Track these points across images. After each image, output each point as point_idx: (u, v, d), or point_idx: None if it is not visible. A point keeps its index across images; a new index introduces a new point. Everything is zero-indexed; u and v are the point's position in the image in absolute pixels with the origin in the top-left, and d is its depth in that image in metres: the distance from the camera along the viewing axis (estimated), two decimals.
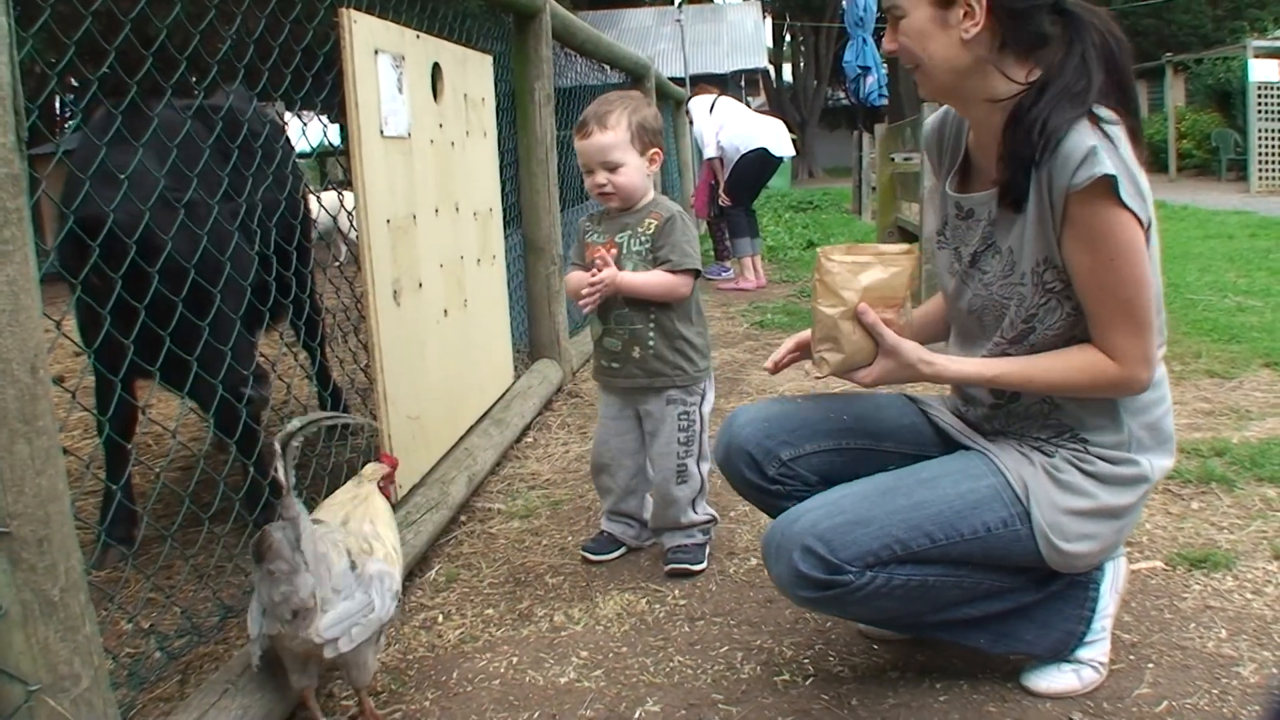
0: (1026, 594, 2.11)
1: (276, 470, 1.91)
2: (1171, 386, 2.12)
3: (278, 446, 1.92)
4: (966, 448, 2.17)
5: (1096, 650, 2.17)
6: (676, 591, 2.74)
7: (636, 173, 2.80)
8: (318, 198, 3.58)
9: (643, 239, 2.81)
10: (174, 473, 3.86)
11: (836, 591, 1.95)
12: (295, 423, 1.98)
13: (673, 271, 2.78)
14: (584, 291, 2.75)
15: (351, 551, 2.07)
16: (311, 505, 2.12)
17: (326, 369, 4.35)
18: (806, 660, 2.35)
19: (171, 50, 2.43)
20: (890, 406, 2.33)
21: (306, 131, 3.34)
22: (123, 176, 2.36)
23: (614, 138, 2.75)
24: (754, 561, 2.90)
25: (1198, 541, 2.86)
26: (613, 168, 2.77)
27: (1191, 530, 2.94)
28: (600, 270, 2.74)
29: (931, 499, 2.01)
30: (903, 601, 2.01)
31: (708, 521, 2.97)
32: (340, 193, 3.92)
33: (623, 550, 3.05)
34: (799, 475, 2.23)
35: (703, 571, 2.88)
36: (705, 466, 2.93)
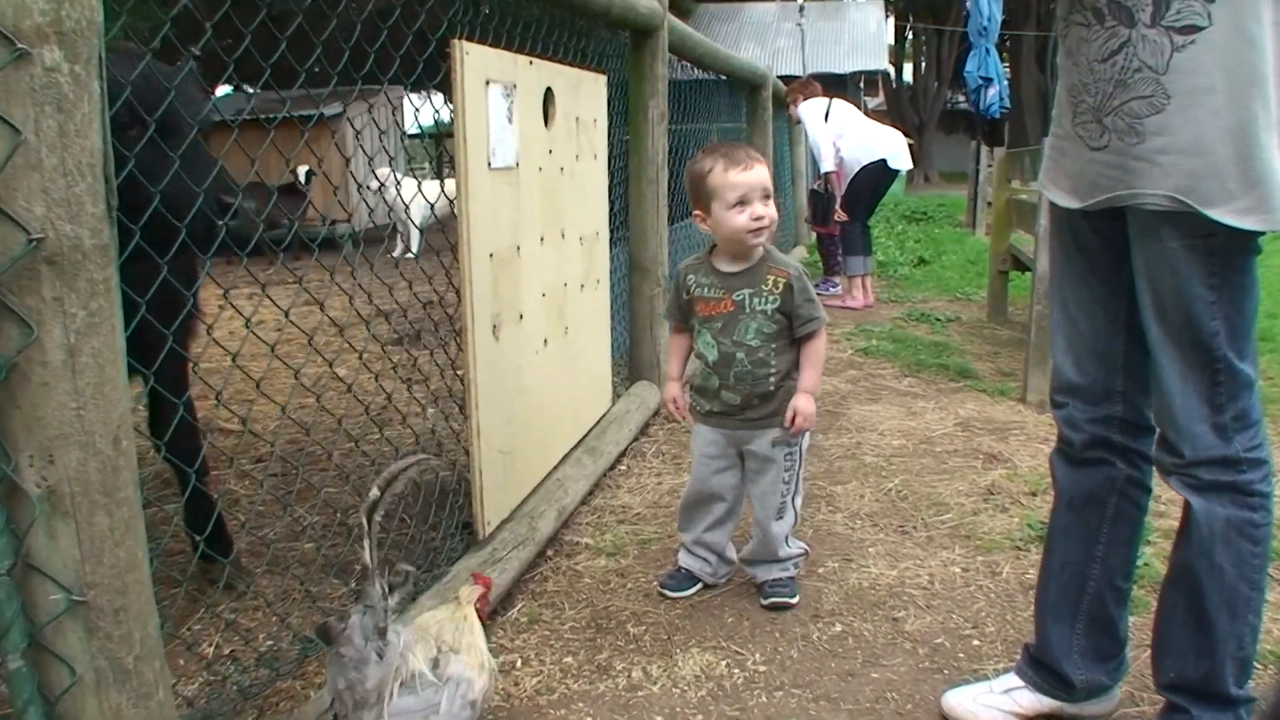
0: None
1: (363, 549, 1.86)
2: None
3: (363, 519, 1.87)
4: None
5: None
6: (757, 655, 2.68)
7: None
8: (432, 184, 3.51)
9: (769, 299, 2.79)
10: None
11: None
12: (374, 491, 1.91)
13: (814, 334, 2.82)
14: (797, 429, 2.82)
15: (441, 648, 2.02)
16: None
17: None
18: None
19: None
20: None
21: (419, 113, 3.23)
22: None
23: (767, 170, 2.76)
24: (838, 627, 2.82)
25: None
26: (768, 198, 2.76)
27: None
28: (793, 427, 2.81)
29: None
30: None
31: (801, 554, 3.06)
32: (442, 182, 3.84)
33: (699, 586, 3.07)
34: None
35: (796, 605, 2.94)
36: (800, 501, 2.98)
